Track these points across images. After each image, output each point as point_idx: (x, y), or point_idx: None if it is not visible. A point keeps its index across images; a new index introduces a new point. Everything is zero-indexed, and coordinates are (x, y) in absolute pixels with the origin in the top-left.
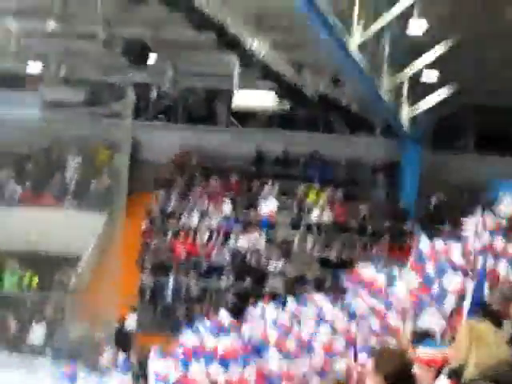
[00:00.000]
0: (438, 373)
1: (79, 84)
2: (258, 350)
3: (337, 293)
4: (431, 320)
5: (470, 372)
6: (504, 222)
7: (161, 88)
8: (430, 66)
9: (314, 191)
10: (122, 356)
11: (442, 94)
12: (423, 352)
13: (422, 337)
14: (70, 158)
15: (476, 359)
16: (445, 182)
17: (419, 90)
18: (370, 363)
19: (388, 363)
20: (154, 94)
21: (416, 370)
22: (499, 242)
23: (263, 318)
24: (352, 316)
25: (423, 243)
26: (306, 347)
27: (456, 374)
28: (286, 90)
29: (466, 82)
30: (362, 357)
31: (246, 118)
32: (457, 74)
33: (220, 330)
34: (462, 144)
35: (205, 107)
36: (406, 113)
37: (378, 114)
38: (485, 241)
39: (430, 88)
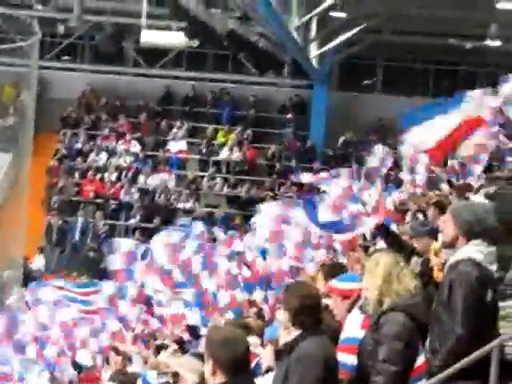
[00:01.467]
0: (353, 305)
1: None
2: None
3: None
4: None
5: (381, 304)
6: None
7: (67, 24)
8: (338, 5)
9: (223, 131)
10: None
11: (350, 32)
12: (337, 284)
13: (338, 270)
14: None
15: (386, 292)
16: (353, 122)
17: (328, 28)
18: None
19: (294, 298)
20: (60, 31)
21: (330, 302)
22: None
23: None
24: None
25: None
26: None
27: (368, 307)
28: (195, 27)
29: (373, 21)
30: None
31: (154, 56)
32: (365, 13)
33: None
34: (370, 83)
35: (112, 45)
36: (314, 52)
37: (286, 53)
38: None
39: (339, 27)
